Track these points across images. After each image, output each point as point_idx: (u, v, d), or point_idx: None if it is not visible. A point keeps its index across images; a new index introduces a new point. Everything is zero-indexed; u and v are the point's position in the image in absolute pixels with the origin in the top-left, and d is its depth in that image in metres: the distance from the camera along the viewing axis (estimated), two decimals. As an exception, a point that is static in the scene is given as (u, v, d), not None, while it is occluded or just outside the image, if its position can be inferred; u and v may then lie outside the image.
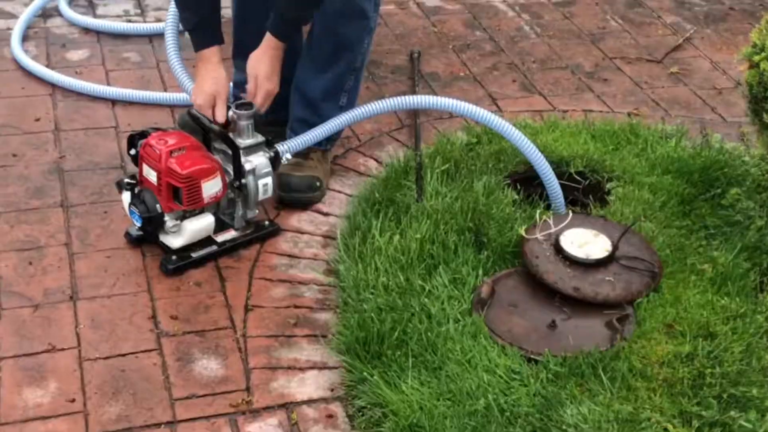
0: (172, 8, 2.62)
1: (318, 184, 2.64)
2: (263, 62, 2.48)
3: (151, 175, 2.33)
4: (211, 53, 2.47)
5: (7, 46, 3.32)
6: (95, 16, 3.59)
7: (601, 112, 3.17)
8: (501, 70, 3.39)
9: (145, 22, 3.57)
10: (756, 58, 2.32)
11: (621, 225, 2.38)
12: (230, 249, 2.45)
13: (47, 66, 3.22)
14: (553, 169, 2.60)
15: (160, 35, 3.38)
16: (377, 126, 3.00)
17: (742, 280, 2.25)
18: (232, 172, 2.40)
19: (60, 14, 3.56)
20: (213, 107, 2.43)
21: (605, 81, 3.36)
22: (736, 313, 2.13)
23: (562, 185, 2.63)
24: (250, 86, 2.48)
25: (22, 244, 2.46)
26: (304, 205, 2.63)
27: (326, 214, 2.63)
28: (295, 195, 2.62)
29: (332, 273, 2.40)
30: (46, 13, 3.57)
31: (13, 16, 3.52)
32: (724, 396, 1.92)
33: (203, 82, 2.45)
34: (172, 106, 3.04)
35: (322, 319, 2.27)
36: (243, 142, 2.42)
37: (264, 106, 2.49)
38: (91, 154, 2.82)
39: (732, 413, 1.87)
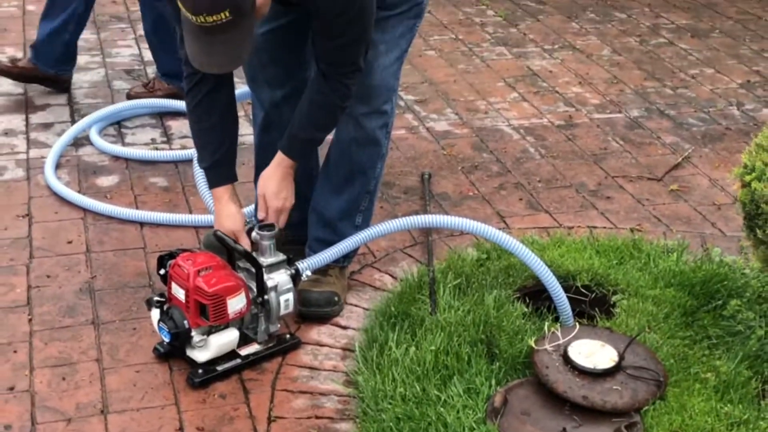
0: None
1: (336, 299, 2.78)
2: (272, 180, 2.62)
3: (179, 293, 2.47)
4: (224, 191, 2.62)
5: (41, 174, 3.52)
6: (124, 144, 3.80)
7: (604, 228, 3.32)
8: (508, 190, 3.56)
9: (171, 149, 3.77)
10: (747, 177, 2.47)
11: (626, 336, 2.49)
12: (254, 362, 2.57)
13: (79, 192, 3.41)
14: (560, 283, 2.73)
15: (185, 161, 3.60)
16: (392, 243, 3.16)
17: (744, 388, 2.35)
18: (255, 289, 2.54)
19: (91, 143, 3.77)
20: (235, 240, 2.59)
21: (608, 199, 3.53)
22: (739, 419, 2.22)
23: (569, 298, 2.75)
24: (260, 204, 2.63)
25: (56, 361, 2.59)
26: (324, 319, 2.76)
27: (345, 328, 2.75)
28: (314, 310, 2.75)
29: (351, 384, 2.50)
30: (77, 143, 3.77)
31: (47, 146, 3.73)
32: (730, 499, 2.00)
33: (220, 219, 2.62)
34: (197, 227, 3.21)
35: (343, 429, 2.37)
36: (265, 260, 2.57)
37: (280, 221, 2.63)
38: (121, 274, 2.97)
39: None
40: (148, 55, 4.65)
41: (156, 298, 2.53)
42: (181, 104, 4.02)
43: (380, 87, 2.65)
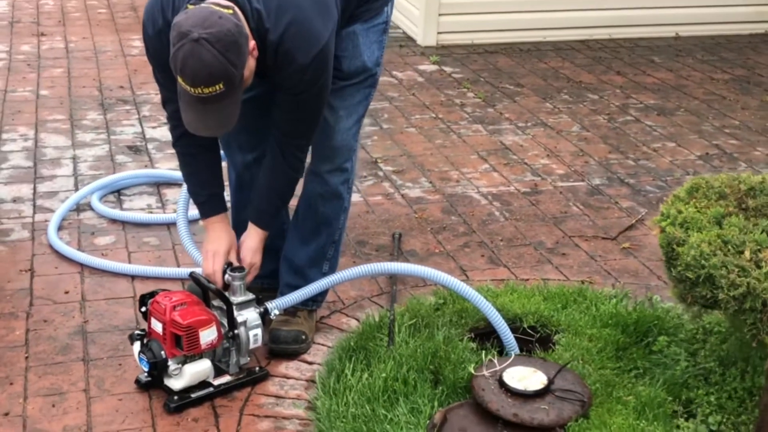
0: (182, 196, 3.16)
1: (303, 337, 3.07)
2: (259, 253, 2.96)
3: (157, 327, 2.77)
4: (216, 219, 2.95)
5: (44, 235, 3.86)
6: (122, 209, 4.15)
7: (557, 280, 3.60)
8: (472, 248, 3.87)
9: (164, 213, 4.11)
10: (663, 224, 2.78)
11: (558, 364, 2.76)
12: (225, 391, 2.85)
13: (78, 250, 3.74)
14: (509, 325, 3.01)
15: (176, 223, 3.92)
16: (360, 293, 3.46)
17: (661, 408, 2.60)
18: (227, 325, 2.83)
19: (92, 209, 4.12)
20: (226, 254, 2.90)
21: (563, 255, 3.83)
22: (652, 432, 2.48)
23: (517, 339, 3.02)
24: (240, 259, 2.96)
25: (48, 391, 2.88)
26: (292, 356, 3.04)
27: (311, 363, 3.03)
28: (283, 347, 3.04)
29: (312, 409, 2.77)
30: (79, 208, 4.12)
31: (51, 211, 4.07)
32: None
33: (208, 241, 2.93)
34: (183, 280, 3.51)
35: (301, 447, 2.64)
36: (236, 299, 2.87)
37: (248, 278, 2.96)
38: (111, 319, 3.27)
39: None
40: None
41: (137, 332, 2.83)
42: (175, 174, 4.39)
43: (341, 147, 2.99)
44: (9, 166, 4.57)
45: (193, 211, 3.36)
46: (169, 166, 4.58)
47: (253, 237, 2.94)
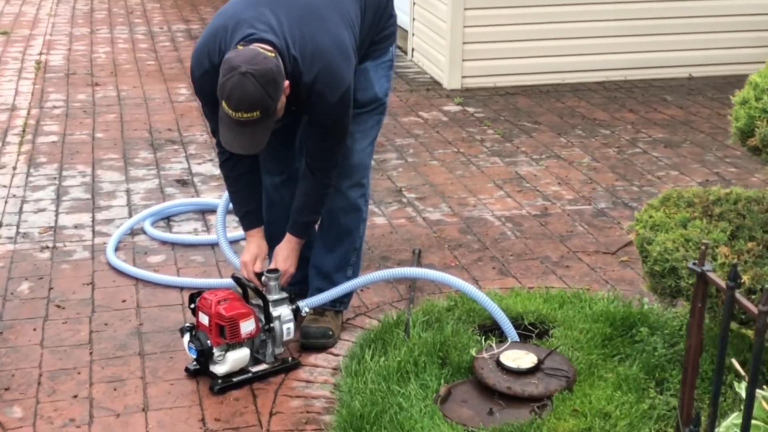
0: (220, 213, 3.67)
1: (330, 333, 3.51)
2: (291, 258, 3.43)
3: (204, 320, 3.23)
4: (255, 232, 3.44)
5: (103, 254, 4.36)
6: (171, 233, 4.64)
7: (560, 288, 4.01)
8: (484, 261, 4.30)
9: (209, 235, 4.60)
10: (637, 227, 3.20)
11: (548, 348, 3.17)
12: (262, 377, 3.29)
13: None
14: (511, 322, 3.42)
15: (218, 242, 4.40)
16: (382, 299, 3.90)
17: (635, 382, 3.00)
18: (263, 319, 3.29)
19: (144, 233, 4.62)
20: (254, 263, 3.40)
21: (567, 267, 4.24)
22: (626, 401, 2.87)
23: (518, 334, 3.44)
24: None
25: (110, 378, 3.34)
26: (320, 349, 3.48)
27: (337, 355, 3.47)
28: (312, 341, 3.48)
29: (338, 390, 3.20)
30: (134, 232, 4.63)
31: (108, 235, 4.58)
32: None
33: (250, 247, 3.43)
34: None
35: (327, 419, 3.06)
36: (271, 297, 3.33)
37: (283, 281, 3.42)
38: (163, 322, 3.74)
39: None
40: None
41: (187, 325, 3.30)
42: (218, 202, 4.87)
43: (359, 165, 3.47)
44: (70, 198, 5.10)
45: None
46: (213, 196, 5.08)
47: (284, 241, 3.42)
